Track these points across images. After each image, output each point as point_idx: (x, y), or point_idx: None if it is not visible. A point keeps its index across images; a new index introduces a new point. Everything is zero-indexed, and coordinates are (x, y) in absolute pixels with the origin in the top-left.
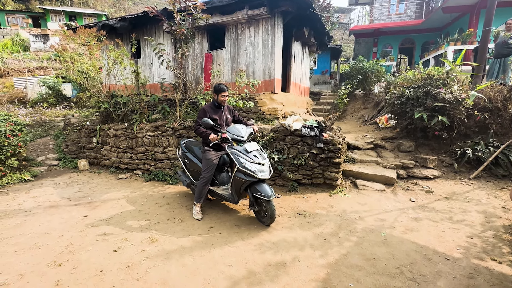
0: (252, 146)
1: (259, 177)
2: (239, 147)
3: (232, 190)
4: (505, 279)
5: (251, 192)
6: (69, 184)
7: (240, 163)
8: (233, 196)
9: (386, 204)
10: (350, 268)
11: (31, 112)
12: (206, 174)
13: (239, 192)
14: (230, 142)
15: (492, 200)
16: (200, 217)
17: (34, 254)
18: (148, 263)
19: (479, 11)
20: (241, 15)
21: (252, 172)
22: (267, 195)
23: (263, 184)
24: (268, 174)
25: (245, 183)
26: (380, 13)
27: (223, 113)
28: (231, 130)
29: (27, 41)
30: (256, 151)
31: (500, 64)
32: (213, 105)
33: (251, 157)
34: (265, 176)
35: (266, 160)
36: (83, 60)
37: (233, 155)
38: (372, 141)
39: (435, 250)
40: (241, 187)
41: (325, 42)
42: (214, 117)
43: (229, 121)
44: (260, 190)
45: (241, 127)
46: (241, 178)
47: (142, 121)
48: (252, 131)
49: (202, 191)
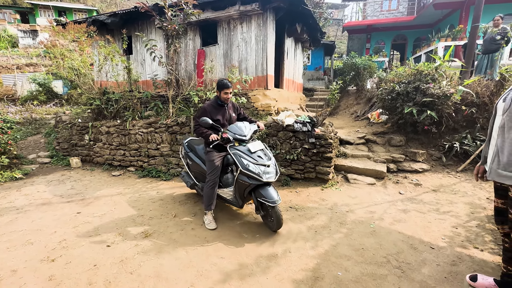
0: (256, 146)
1: (264, 180)
2: (241, 147)
3: (235, 193)
4: (486, 265)
5: (255, 196)
6: (61, 181)
7: (243, 165)
8: (237, 200)
9: (376, 197)
10: (339, 258)
11: (21, 110)
12: (212, 177)
13: (243, 195)
14: (232, 141)
15: (478, 192)
16: (214, 226)
17: (26, 250)
18: (142, 257)
19: (468, 8)
20: (233, 10)
21: (256, 174)
22: (271, 200)
23: (268, 187)
24: (274, 177)
25: (249, 186)
26: (373, 9)
27: (226, 112)
28: (232, 129)
29: (16, 37)
30: (261, 151)
31: (488, 60)
32: (215, 103)
33: (255, 158)
34: (270, 179)
35: (272, 161)
36: (73, 56)
37: (235, 156)
38: (363, 136)
39: (421, 240)
40: (245, 191)
41: (318, 38)
42: (216, 117)
43: (234, 119)
44: (265, 195)
45: (243, 125)
46: (245, 181)
47: (134, 117)
48: (257, 128)
49: (210, 196)
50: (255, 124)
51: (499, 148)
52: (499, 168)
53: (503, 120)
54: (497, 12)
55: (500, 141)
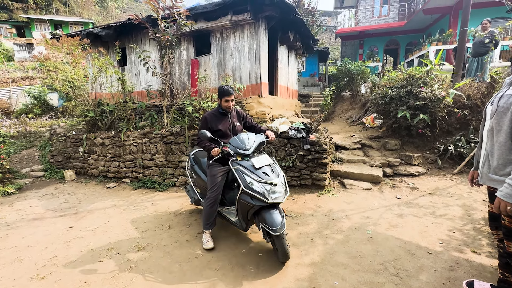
0: (262, 161)
1: (269, 201)
2: (245, 162)
3: (238, 215)
4: (484, 269)
5: (258, 220)
6: (54, 195)
7: (245, 183)
8: (240, 222)
9: (372, 202)
10: (335, 267)
11: (16, 123)
12: (212, 194)
13: (246, 218)
14: (234, 155)
15: (474, 194)
16: (211, 246)
17: (16, 268)
18: (134, 272)
19: (457, 12)
20: (226, 20)
21: (261, 194)
22: (273, 228)
23: (274, 210)
24: (282, 197)
25: (252, 208)
26: (364, 15)
27: (229, 121)
28: (233, 142)
29: (11, 51)
30: (268, 167)
31: (478, 63)
32: (217, 112)
33: (260, 174)
34: (278, 200)
35: (281, 178)
36: (67, 69)
37: (237, 173)
38: (359, 141)
39: (418, 245)
40: (248, 213)
41: (311, 46)
42: (218, 127)
43: (239, 129)
44: (267, 220)
45: (246, 136)
46: (247, 202)
47: (129, 128)
48: (263, 140)
49: (209, 215)
50: (262, 135)
51: (489, 152)
52: (490, 172)
53: (491, 123)
54: (485, 16)
55: (489, 145)
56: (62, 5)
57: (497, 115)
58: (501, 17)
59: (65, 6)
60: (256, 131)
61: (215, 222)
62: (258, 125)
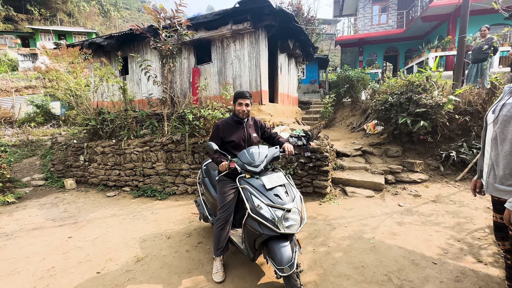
0: (274, 180)
1: (280, 231)
2: (254, 181)
3: (244, 241)
4: (491, 280)
5: (265, 252)
6: (54, 204)
7: (252, 205)
8: (247, 251)
9: (375, 210)
10: (338, 278)
11: (18, 132)
12: (222, 215)
13: (254, 247)
14: (243, 172)
15: (477, 201)
16: (220, 278)
17: (12, 280)
18: (132, 284)
19: (455, 19)
20: (226, 30)
21: (270, 222)
22: (279, 267)
23: (284, 243)
24: (297, 227)
25: (260, 236)
26: (363, 23)
27: (244, 131)
28: (242, 156)
29: (16, 60)
30: (281, 187)
31: (477, 69)
32: (231, 120)
33: (271, 197)
34: (291, 230)
35: (297, 203)
36: (68, 78)
37: (244, 192)
38: (360, 148)
39: (422, 255)
40: (255, 241)
41: (311, 53)
42: (231, 137)
43: (255, 140)
44: (275, 255)
45: (257, 150)
46: (254, 230)
47: (130, 137)
48: (278, 153)
49: (219, 238)
50: (277, 148)
51: (494, 161)
52: (496, 182)
53: (494, 132)
54: (484, 23)
55: (494, 155)
56: (66, 16)
57: (500, 124)
58: (500, 23)
59: (69, 17)
60: (274, 143)
61: (227, 247)
62: (277, 136)
